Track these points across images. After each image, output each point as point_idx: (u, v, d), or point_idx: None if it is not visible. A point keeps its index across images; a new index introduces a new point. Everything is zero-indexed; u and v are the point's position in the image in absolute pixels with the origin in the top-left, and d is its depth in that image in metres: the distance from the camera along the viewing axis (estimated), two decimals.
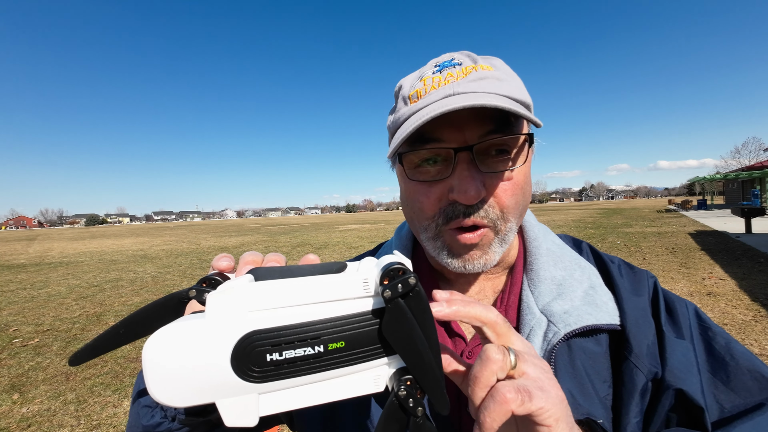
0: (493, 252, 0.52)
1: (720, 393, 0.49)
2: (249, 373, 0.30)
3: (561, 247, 0.62)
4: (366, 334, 0.33)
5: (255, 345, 0.30)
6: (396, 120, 0.53)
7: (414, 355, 0.32)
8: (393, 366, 0.35)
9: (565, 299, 0.53)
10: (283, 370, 0.31)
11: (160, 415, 0.47)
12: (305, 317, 0.32)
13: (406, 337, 0.32)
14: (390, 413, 0.34)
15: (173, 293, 0.38)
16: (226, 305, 0.31)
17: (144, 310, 0.37)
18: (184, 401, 0.31)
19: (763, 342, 3.81)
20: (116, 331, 0.37)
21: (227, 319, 0.31)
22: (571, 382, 0.48)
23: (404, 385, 0.33)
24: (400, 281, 0.32)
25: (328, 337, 0.32)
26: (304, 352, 0.31)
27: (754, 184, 33.63)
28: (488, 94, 0.46)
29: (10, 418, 3.10)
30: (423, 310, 0.33)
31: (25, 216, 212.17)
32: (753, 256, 8.04)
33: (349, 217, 79.63)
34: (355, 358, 0.33)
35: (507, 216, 0.50)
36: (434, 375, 0.33)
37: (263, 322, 0.31)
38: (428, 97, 0.49)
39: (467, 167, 0.48)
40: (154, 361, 0.30)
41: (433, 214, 0.51)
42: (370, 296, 0.33)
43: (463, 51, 0.54)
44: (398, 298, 0.32)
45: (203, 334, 0.30)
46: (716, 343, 0.53)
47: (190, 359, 0.30)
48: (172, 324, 0.32)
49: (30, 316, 6.18)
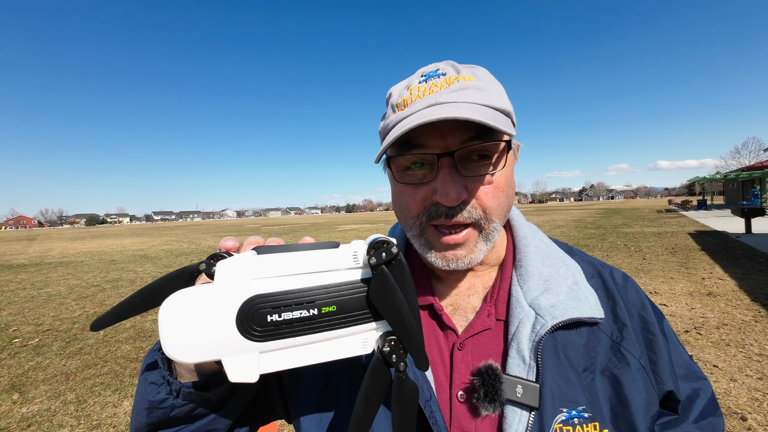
0: (478, 250, 0.55)
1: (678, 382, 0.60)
2: (252, 333, 0.35)
3: (548, 245, 0.65)
4: (355, 300, 0.37)
5: (257, 307, 0.35)
6: (385, 126, 0.57)
7: (397, 317, 0.36)
8: (380, 330, 0.39)
9: (552, 294, 0.57)
10: (282, 330, 0.35)
11: (165, 391, 0.48)
12: (302, 284, 0.36)
13: (391, 301, 0.36)
14: (375, 369, 0.38)
15: (185, 267, 0.42)
16: (233, 273, 0.35)
17: (159, 282, 0.41)
18: (194, 357, 0.35)
19: (763, 342, 3.82)
20: (134, 300, 0.40)
21: (234, 285, 0.35)
22: (556, 372, 0.52)
23: (388, 344, 0.38)
24: (384, 250, 0.37)
25: (321, 301, 0.36)
26: (300, 314, 0.35)
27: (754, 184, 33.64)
28: (468, 104, 0.50)
29: (10, 418, 3.11)
30: (404, 276, 0.37)
31: (25, 216, 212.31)
32: (753, 256, 8.05)
33: (349, 217, 79.72)
34: (346, 322, 0.37)
35: (490, 216, 0.54)
36: (415, 335, 0.37)
37: (265, 288, 0.35)
38: (413, 105, 0.53)
39: (449, 171, 0.51)
40: (169, 320, 0.35)
41: (417, 213, 0.55)
42: (359, 267, 0.38)
43: (448, 61, 0.58)
44: (383, 265, 0.36)
45: (212, 298, 0.35)
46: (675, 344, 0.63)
47: (200, 319, 0.35)
48: (184, 289, 0.37)
49: (30, 316, 6.19)
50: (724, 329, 4.20)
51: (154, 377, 0.49)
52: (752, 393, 2.94)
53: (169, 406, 0.48)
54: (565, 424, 0.50)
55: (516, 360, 0.52)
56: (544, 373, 0.51)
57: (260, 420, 0.63)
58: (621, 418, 0.52)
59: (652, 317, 0.61)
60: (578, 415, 0.50)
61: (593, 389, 0.53)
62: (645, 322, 0.60)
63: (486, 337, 0.57)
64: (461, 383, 0.54)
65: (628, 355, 0.55)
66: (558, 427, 0.49)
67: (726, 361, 3.46)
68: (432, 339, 0.59)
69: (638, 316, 0.61)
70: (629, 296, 0.62)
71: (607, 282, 0.62)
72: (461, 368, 0.55)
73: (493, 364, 0.52)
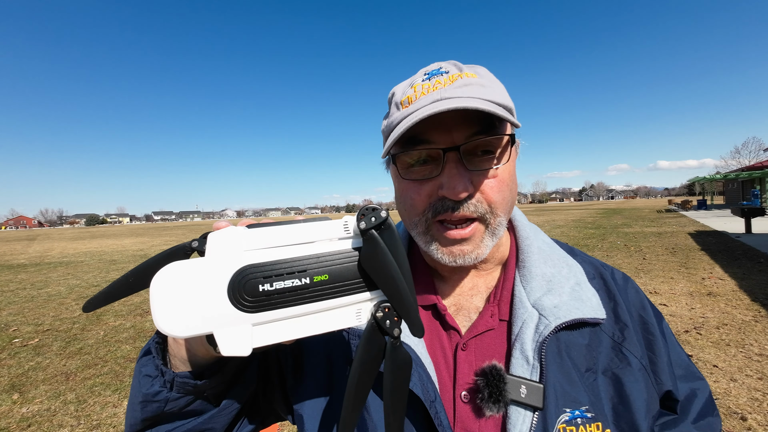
0: (485, 245, 0.55)
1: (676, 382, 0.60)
2: (243, 303, 0.34)
3: (550, 245, 0.66)
4: (347, 268, 0.37)
5: (249, 277, 0.34)
6: (389, 124, 0.57)
7: (389, 282, 0.36)
8: (374, 301, 0.39)
9: (555, 294, 0.57)
10: (274, 300, 0.35)
11: (159, 384, 0.48)
12: (293, 254, 0.36)
13: (382, 265, 0.36)
14: (369, 336, 0.37)
15: (178, 245, 0.41)
16: (224, 244, 0.35)
17: (151, 260, 0.40)
18: (186, 331, 0.34)
19: (763, 342, 3.82)
20: (126, 280, 0.40)
21: (225, 256, 0.35)
22: (560, 372, 0.52)
23: (382, 310, 0.37)
24: (373, 215, 0.36)
25: (313, 270, 0.35)
26: (292, 283, 0.35)
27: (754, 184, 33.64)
28: (473, 99, 0.50)
29: (10, 418, 3.10)
30: (395, 242, 0.37)
31: (25, 216, 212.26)
32: (753, 256, 8.05)
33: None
34: (339, 291, 0.36)
35: (495, 210, 0.54)
36: (408, 300, 0.36)
37: (256, 258, 0.35)
38: (418, 102, 0.53)
39: (455, 166, 0.52)
40: (160, 293, 0.34)
41: (423, 209, 0.55)
42: (350, 237, 0.38)
43: (450, 60, 0.59)
44: (372, 230, 0.36)
45: (204, 269, 0.34)
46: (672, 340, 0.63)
47: (192, 291, 0.34)
48: (176, 262, 0.36)
49: (30, 316, 6.18)
50: (724, 329, 4.20)
51: (148, 369, 0.49)
52: (752, 393, 2.94)
53: (164, 399, 0.48)
54: (569, 424, 0.50)
55: (520, 360, 0.52)
56: (547, 374, 0.51)
57: (260, 422, 0.63)
58: (623, 418, 0.52)
59: (652, 318, 0.61)
60: (581, 415, 0.50)
61: (596, 389, 0.53)
62: (645, 323, 0.60)
63: (489, 338, 0.57)
64: (465, 383, 0.54)
65: (629, 355, 0.55)
66: (561, 427, 0.49)
67: (726, 361, 3.46)
68: (435, 339, 0.59)
69: (638, 316, 0.61)
70: (630, 297, 0.62)
71: (608, 283, 0.62)
72: (465, 369, 0.55)
73: (497, 365, 0.52)
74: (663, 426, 0.57)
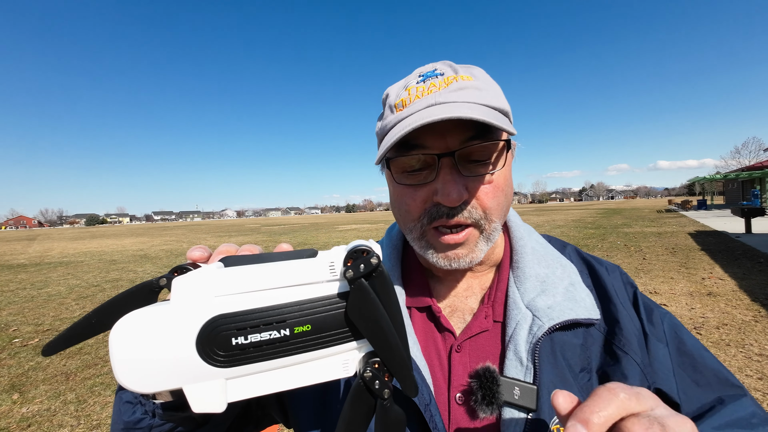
0: (479, 250, 0.55)
1: (691, 390, 0.55)
2: (215, 358, 0.30)
3: (544, 246, 0.65)
4: (332, 317, 0.33)
5: (220, 329, 0.30)
6: (383, 127, 0.56)
7: (379, 336, 0.32)
8: (362, 350, 0.35)
9: (549, 295, 0.56)
10: (249, 354, 0.31)
11: (141, 411, 0.46)
12: (271, 301, 0.31)
13: (371, 318, 0.32)
14: (356, 396, 0.33)
15: (144, 282, 0.38)
16: (192, 290, 0.31)
17: (115, 299, 0.37)
18: (151, 387, 0.31)
19: (763, 342, 3.81)
20: (88, 321, 0.37)
21: (193, 304, 0.31)
22: (554, 373, 0.52)
23: (371, 368, 0.33)
24: (362, 261, 0.32)
25: (294, 320, 0.32)
26: (269, 335, 0.31)
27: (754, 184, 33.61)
28: (468, 104, 0.50)
29: (10, 418, 3.10)
30: (387, 290, 0.33)
31: (25, 216, 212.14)
32: (753, 256, 8.04)
33: (349, 217, 79.70)
34: (323, 342, 0.33)
35: (490, 216, 0.54)
36: (401, 356, 0.32)
37: (228, 306, 0.31)
38: (412, 106, 0.52)
39: (450, 172, 0.51)
40: (120, 346, 0.30)
41: (418, 215, 0.54)
42: (336, 280, 0.33)
43: (445, 61, 0.58)
44: (361, 278, 0.32)
45: (169, 319, 0.31)
46: (688, 346, 0.58)
47: (156, 344, 0.30)
48: (137, 310, 0.32)
49: (30, 316, 6.18)
50: (724, 329, 4.20)
51: (128, 396, 0.47)
52: (752, 393, 2.92)
53: (147, 426, 0.46)
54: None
55: (513, 362, 0.52)
56: (541, 375, 0.51)
57: (253, 427, 0.62)
58: None
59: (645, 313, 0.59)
60: None
61: (590, 389, 0.52)
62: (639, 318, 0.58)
63: (484, 339, 0.57)
64: (459, 386, 0.54)
65: (620, 353, 0.54)
66: (555, 428, 0.49)
67: (726, 361, 3.46)
68: (430, 341, 0.58)
69: (632, 311, 0.59)
70: (623, 292, 0.60)
71: (599, 279, 0.61)
72: (459, 370, 0.55)
73: (491, 367, 0.52)
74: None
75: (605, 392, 0.32)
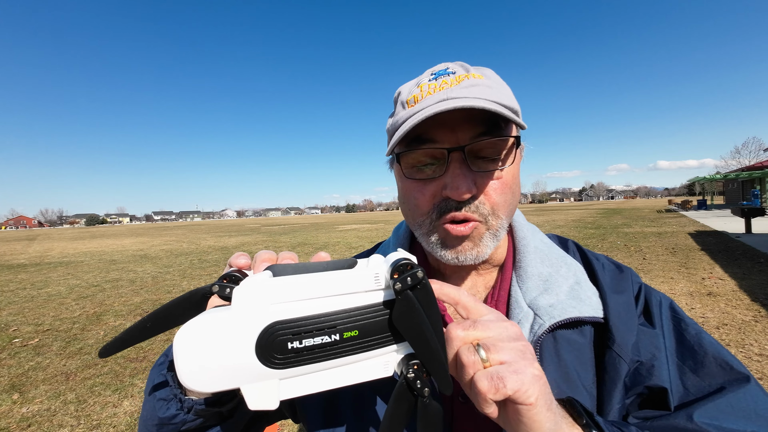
0: (485, 245, 0.55)
1: (687, 377, 0.53)
2: (272, 360, 0.34)
3: (548, 245, 0.65)
4: (377, 323, 0.36)
5: (277, 334, 0.34)
6: (394, 123, 0.57)
7: (422, 342, 0.35)
8: (401, 352, 0.39)
9: (551, 294, 0.56)
10: (303, 356, 0.34)
11: (175, 407, 0.47)
12: (322, 309, 0.35)
13: (415, 326, 0.35)
14: (399, 394, 0.37)
15: (196, 289, 0.40)
16: (251, 299, 0.34)
17: (169, 305, 0.40)
18: (212, 387, 0.34)
19: (763, 342, 3.81)
20: (143, 324, 0.39)
21: (252, 311, 0.34)
22: (556, 371, 0.52)
23: (412, 369, 0.37)
24: (409, 275, 0.35)
25: (343, 326, 0.35)
26: (321, 340, 0.34)
27: (754, 184, 33.60)
28: (478, 99, 0.50)
29: (10, 418, 3.10)
30: (430, 301, 0.36)
31: (25, 216, 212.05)
32: (753, 256, 8.04)
33: (349, 217, 79.68)
34: (368, 346, 0.36)
35: (497, 212, 0.54)
36: (440, 359, 0.36)
37: (284, 314, 0.34)
38: (424, 101, 0.53)
39: (459, 166, 0.51)
40: (185, 350, 0.34)
41: (427, 210, 0.55)
42: (380, 289, 0.37)
43: (457, 61, 0.58)
44: (407, 290, 0.35)
45: (230, 325, 0.34)
46: (687, 333, 0.56)
47: (218, 348, 0.34)
48: (200, 316, 0.35)
49: (30, 316, 6.18)
50: (724, 329, 4.20)
51: (163, 393, 0.48)
52: None
53: (180, 421, 0.47)
54: None
55: None
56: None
57: (266, 421, 0.63)
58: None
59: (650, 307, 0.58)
60: None
61: (595, 389, 0.53)
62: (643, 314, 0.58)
63: None
64: None
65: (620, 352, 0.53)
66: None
67: None
68: None
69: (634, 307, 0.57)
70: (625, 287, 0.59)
71: (598, 276, 0.60)
72: None
73: None
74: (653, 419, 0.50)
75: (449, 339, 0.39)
